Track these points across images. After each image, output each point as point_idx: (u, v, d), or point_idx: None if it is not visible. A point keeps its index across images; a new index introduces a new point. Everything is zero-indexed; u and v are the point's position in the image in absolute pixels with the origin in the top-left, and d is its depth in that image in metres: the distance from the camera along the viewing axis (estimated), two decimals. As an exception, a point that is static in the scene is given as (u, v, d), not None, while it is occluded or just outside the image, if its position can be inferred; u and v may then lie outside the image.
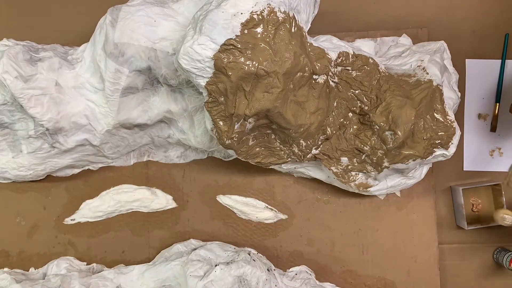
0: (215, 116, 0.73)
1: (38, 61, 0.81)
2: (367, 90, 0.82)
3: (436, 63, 0.81)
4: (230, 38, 0.67)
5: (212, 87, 0.70)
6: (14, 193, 0.93)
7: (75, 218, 0.93)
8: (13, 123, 0.84)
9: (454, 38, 0.96)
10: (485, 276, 0.94)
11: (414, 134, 0.77)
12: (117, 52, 0.77)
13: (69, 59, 0.83)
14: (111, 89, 0.80)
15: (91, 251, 0.92)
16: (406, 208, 0.93)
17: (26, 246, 0.92)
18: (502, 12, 0.96)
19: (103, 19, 0.79)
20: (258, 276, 0.79)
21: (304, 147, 0.81)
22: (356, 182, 0.86)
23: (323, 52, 0.79)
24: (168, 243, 0.92)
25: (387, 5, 0.97)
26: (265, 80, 0.70)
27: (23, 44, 0.83)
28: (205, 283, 0.77)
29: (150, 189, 0.93)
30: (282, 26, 0.70)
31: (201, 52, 0.68)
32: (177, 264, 0.82)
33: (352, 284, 0.92)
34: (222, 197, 0.93)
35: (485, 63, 0.96)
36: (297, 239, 0.93)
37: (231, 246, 0.87)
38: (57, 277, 0.84)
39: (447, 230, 0.95)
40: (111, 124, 0.83)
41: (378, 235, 0.93)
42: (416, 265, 0.92)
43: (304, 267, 0.90)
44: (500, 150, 0.96)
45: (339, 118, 0.83)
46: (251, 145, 0.80)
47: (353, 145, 0.83)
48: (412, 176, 0.86)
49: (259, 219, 0.93)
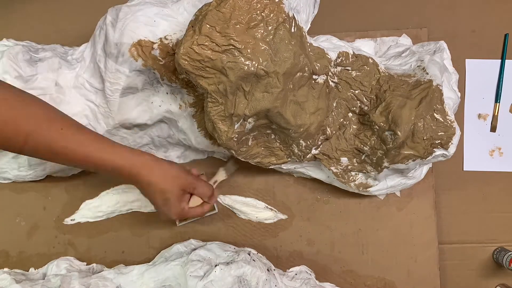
0: (215, 116, 0.73)
1: (38, 61, 0.81)
2: (367, 90, 0.82)
3: (436, 63, 0.81)
4: (230, 37, 0.68)
5: (211, 87, 0.70)
6: (14, 193, 0.93)
7: (75, 218, 0.93)
8: (13, 123, 0.84)
9: (454, 38, 0.96)
10: (485, 276, 0.94)
11: (414, 134, 0.77)
12: (117, 52, 0.77)
13: (69, 59, 0.83)
14: (111, 89, 0.80)
15: (91, 251, 0.92)
16: (406, 208, 0.93)
17: (26, 246, 0.92)
18: (502, 12, 0.96)
19: (103, 19, 0.79)
20: (258, 276, 0.79)
21: (304, 147, 0.81)
22: (356, 182, 0.86)
23: (323, 52, 0.79)
24: (168, 243, 0.91)
25: (387, 5, 0.97)
26: (264, 80, 0.70)
27: (23, 44, 0.83)
28: (205, 283, 0.77)
29: (150, 189, 0.93)
30: (281, 26, 0.70)
31: (201, 52, 0.68)
32: (177, 264, 0.82)
33: (352, 284, 0.92)
34: (222, 197, 0.93)
35: (485, 63, 0.96)
36: (297, 239, 0.93)
37: (231, 246, 0.87)
38: (57, 277, 0.84)
39: (447, 230, 0.95)
40: (111, 124, 0.83)
41: (378, 235, 0.93)
42: (416, 265, 0.92)
43: (304, 267, 0.90)
44: (500, 150, 0.96)
45: (338, 118, 0.83)
46: (251, 145, 0.80)
47: (353, 145, 0.83)
48: (412, 176, 0.86)
49: (259, 219, 0.93)
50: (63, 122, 0.69)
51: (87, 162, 0.69)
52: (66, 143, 0.67)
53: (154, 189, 0.70)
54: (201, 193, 0.76)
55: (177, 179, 0.72)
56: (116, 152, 0.70)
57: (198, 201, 0.78)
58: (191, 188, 0.75)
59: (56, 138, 0.67)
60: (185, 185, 0.73)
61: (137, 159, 0.70)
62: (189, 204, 0.76)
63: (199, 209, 0.77)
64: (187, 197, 0.76)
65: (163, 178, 0.71)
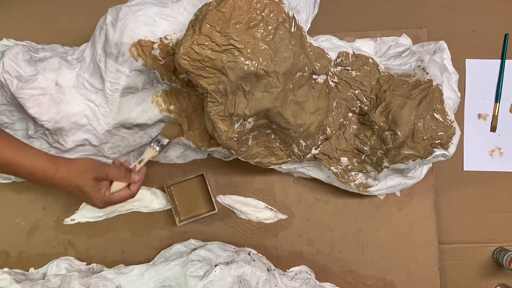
0: (215, 116, 0.73)
1: (38, 61, 0.81)
2: (366, 90, 0.82)
3: (436, 63, 0.81)
4: (230, 37, 0.68)
5: (211, 87, 0.70)
6: (14, 193, 0.93)
7: (75, 218, 0.93)
8: (13, 123, 0.84)
9: (454, 38, 0.96)
10: (485, 276, 0.94)
11: (414, 134, 0.77)
12: (117, 52, 0.77)
13: (69, 59, 0.83)
14: (111, 89, 0.80)
15: (91, 251, 0.92)
16: (406, 208, 0.93)
17: (26, 246, 0.92)
18: (502, 12, 0.96)
19: (103, 19, 0.79)
20: (258, 276, 0.79)
21: (304, 147, 0.81)
22: (356, 182, 0.86)
23: (322, 52, 0.79)
24: (168, 243, 0.91)
25: (387, 5, 0.97)
26: (264, 80, 0.70)
27: (23, 44, 0.83)
28: (205, 283, 0.77)
29: (150, 189, 0.93)
30: (281, 26, 0.70)
31: (201, 52, 0.68)
32: (177, 264, 0.82)
33: (352, 284, 0.92)
34: (222, 197, 0.93)
35: (485, 63, 0.96)
36: (297, 239, 0.93)
37: (231, 246, 0.87)
38: (57, 277, 0.84)
39: (447, 230, 0.95)
40: (111, 124, 0.83)
41: (378, 235, 0.93)
42: (416, 265, 0.92)
43: (304, 267, 0.90)
44: (500, 150, 0.96)
45: (338, 118, 0.83)
46: (251, 145, 0.80)
47: (352, 145, 0.83)
48: (412, 176, 0.86)
49: (259, 219, 0.93)
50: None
51: (7, 166, 0.71)
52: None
53: (71, 187, 0.73)
54: (115, 176, 0.77)
55: (87, 171, 0.74)
56: (31, 156, 0.73)
57: (119, 186, 0.77)
58: (103, 175, 0.75)
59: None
60: (96, 174, 0.75)
61: (51, 162, 0.73)
62: (111, 190, 0.77)
63: (124, 192, 0.77)
64: (105, 184, 0.76)
65: (75, 175, 0.73)
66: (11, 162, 0.71)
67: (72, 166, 0.74)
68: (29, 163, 0.72)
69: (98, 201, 0.75)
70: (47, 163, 0.72)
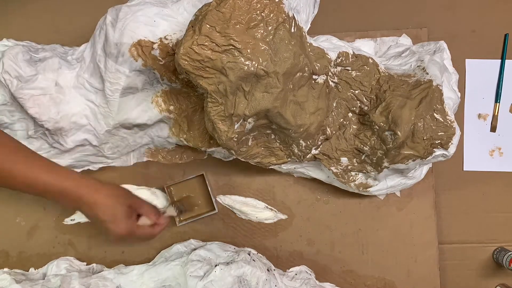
0: (215, 116, 0.73)
1: (38, 61, 0.81)
2: (366, 90, 0.82)
3: (436, 63, 0.81)
4: (230, 38, 0.67)
5: (211, 87, 0.70)
6: (14, 193, 0.92)
7: (75, 218, 0.93)
8: (12, 123, 0.84)
9: (454, 38, 0.96)
10: (485, 276, 0.94)
11: (414, 134, 0.77)
12: (117, 52, 0.77)
13: (69, 59, 0.83)
14: (111, 89, 0.80)
15: (91, 251, 0.92)
16: (406, 208, 0.93)
17: (26, 246, 0.92)
18: (502, 12, 0.96)
19: (103, 19, 0.79)
20: (258, 276, 0.79)
21: (304, 147, 0.81)
22: (356, 182, 0.86)
23: (322, 52, 0.79)
24: (168, 243, 0.91)
25: (387, 5, 0.97)
26: (264, 80, 0.70)
27: (23, 44, 0.83)
28: (205, 283, 0.77)
29: (150, 189, 0.93)
30: (281, 26, 0.70)
31: (201, 52, 0.68)
32: (177, 264, 0.83)
33: (352, 284, 0.92)
34: (222, 197, 0.93)
35: (485, 63, 0.96)
36: (297, 239, 0.93)
37: (231, 246, 0.87)
38: (57, 277, 0.84)
39: (447, 230, 0.95)
40: (111, 124, 0.83)
41: (378, 235, 0.93)
42: (416, 265, 0.92)
43: (304, 267, 0.91)
44: (500, 150, 0.96)
45: (338, 118, 0.83)
46: (251, 145, 0.80)
47: (353, 145, 0.83)
48: (412, 176, 0.86)
49: (259, 219, 0.93)
50: (10, 146, 0.70)
51: (36, 185, 0.69)
52: (13, 165, 0.68)
53: (101, 206, 0.71)
54: (147, 212, 0.77)
55: (122, 197, 0.74)
56: (61, 175, 0.71)
57: (146, 222, 0.78)
58: (137, 206, 0.76)
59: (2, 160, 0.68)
60: (131, 203, 0.74)
61: (82, 181, 0.71)
62: (139, 222, 0.77)
63: (148, 229, 0.77)
64: (135, 215, 0.76)
65: (110, 196, 0.72)
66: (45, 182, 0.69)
67: (110, 188, 0.73)
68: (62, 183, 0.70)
69: (125, 227, 0.73)
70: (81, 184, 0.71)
